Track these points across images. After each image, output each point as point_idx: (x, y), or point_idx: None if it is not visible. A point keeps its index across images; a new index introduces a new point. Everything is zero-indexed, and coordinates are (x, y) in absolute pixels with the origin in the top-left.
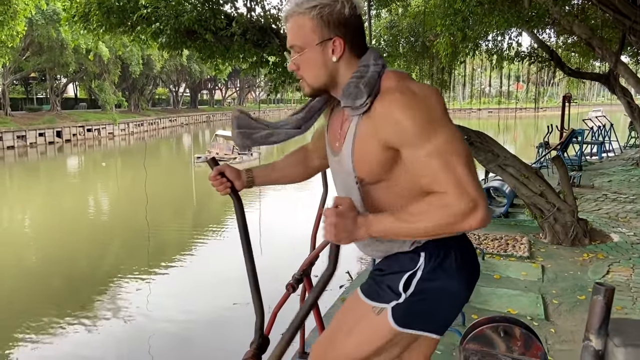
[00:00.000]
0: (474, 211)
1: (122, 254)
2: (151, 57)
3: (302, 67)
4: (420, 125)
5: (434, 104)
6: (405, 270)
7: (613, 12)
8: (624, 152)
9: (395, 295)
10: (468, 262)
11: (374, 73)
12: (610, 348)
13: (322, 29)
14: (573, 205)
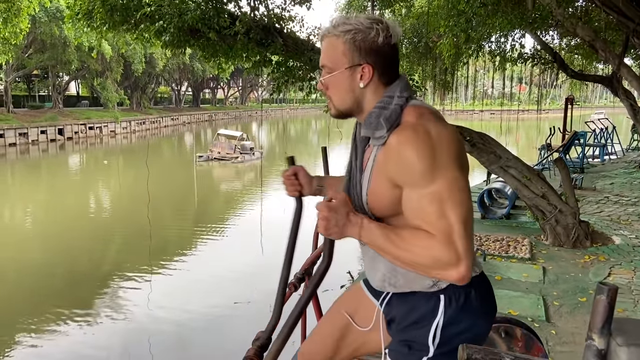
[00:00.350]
0: (456, 266)
1: (124, 251)
2: (154, 56)
3: (331, 87)
4: (424, 167)
5: (445, 147)
6: (428, 320)
7: (617, 15)
8: (626, 154)
9: (425, 350)
10: (487, 298)
11: (396, 107)
12: (613, 347)
13: (352, 54)
14: (575, 207)
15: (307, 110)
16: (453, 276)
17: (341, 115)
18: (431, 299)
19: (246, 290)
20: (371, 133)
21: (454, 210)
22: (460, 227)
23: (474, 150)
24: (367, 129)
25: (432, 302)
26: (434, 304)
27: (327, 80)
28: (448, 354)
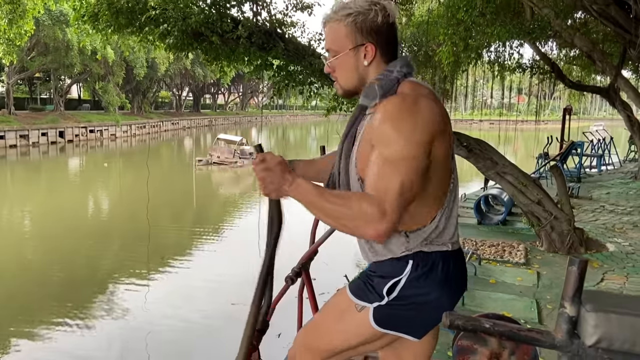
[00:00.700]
0: (378, 223)
1: (123, 254)
2: (155, 60)
3: (337, 69)
4: (393, 132)
5: (421, 124)
6: (392, 276)
7: (614, 26)
8: (623, 165)
9: (379, 297)
10: (454, 275)
11: (393, 78)
12: (582, 314)
13: (355, 35)
14: (570, 214)
15: (306, 117)
16: (371, 232)
17: (348, 94)
18: (401, 262)
19: (243, 292)
20: (367, 102)
21: (396, 177)
22: (395, 192)
23: (471, 155)
24: (364, 99)
25: (401, 264)
26: (402, 266)
27: (334, 62)
28: (399, 308)
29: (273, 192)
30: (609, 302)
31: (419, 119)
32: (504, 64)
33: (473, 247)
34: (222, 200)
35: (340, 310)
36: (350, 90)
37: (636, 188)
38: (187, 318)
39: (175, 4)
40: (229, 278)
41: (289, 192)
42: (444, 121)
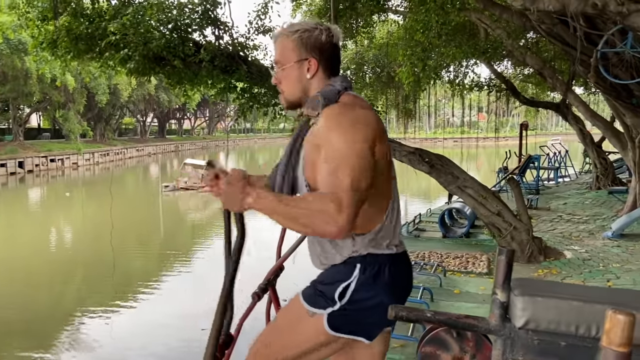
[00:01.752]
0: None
1: (87, 284)
2: (118, 86)
3: (283, 81)
4: (337, 131)
5: (361, 126)
6: (342, 280)
7: (561, 45)
8: (579, 177)
9: (331, 302)
10: (400, 278)
11: (335, 90)
12: (512, 299)
13: (300, 50)
14: (528, 225)
15: (274, 140)
16: (332, 228)
17: (291, 105)
18: (348, 266)
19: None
20: (310, 112)
21: (347, 172)
22: (348, 187)
23: (433, 171)
24: (307, 109)
25: (349, 268)
26: (350, 270)
27: (280, 74)
28: (352, 312)
29: (236, 205)
30: (535, 288)
31: (360, 122)
32: (463, 83)
33: (438, 259)
34: (190, 226)
35: (294, 317)
36: (294, 102)
37: (591, 198)
38: (156, 347)
39: (136, 29)
40: (198, 304)
41: (252, 204)
42: (380, 126)
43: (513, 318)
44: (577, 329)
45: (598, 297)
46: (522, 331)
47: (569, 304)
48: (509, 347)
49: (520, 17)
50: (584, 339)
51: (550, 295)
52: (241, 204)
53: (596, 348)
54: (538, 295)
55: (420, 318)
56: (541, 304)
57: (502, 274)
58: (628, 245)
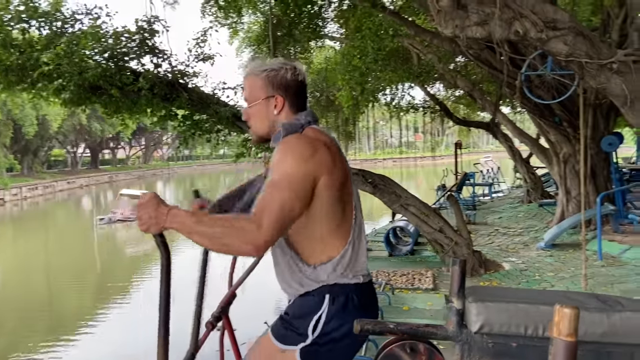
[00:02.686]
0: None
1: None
2: (46, 117)
3: (252, 117)
4: (281, 159)
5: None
6: (313, 313)
7: (489, 68)
8: (511, 192)
9: (303, 337)
10: (367, 305)
11: (298, 124)
12: (467, 306)
13: (267, 88)
14: (468, 239)
15: (215, 166)
16: (248, 247)
17: (260, 139)
18: (318, 297)
19: None
20: (274, 143)
21: (278, 197)
22: (274, 210)
23: (377, 191)
24: (273, 141)
25: (318, 299)
26: (319, 301)
27: (249, 110)
28: (324, 345)
29: (152, 226)
30: (487, 294)
31: (308, 154)
32: (399, 106)
33: (386, 277)
34: (128, 259)
35: (265, 356)
36: (262, 137)
37: (524, 211)
38: None
39: (70, 59)
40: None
41: (167, 223)
42: (334, 162)
43: (469, 324)
44: (526, 329)
45: (543, 299)
46: (477, 335)
47: (517, 307)
48: (467, 351)
49: (450, 43)
50: (533, 338)
51: (501, 299)
52: (157, 224)
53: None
54: (489, 301)
55: (384, 330)
56: (493, 309)
57: (456, 282)
58: (560, 255)
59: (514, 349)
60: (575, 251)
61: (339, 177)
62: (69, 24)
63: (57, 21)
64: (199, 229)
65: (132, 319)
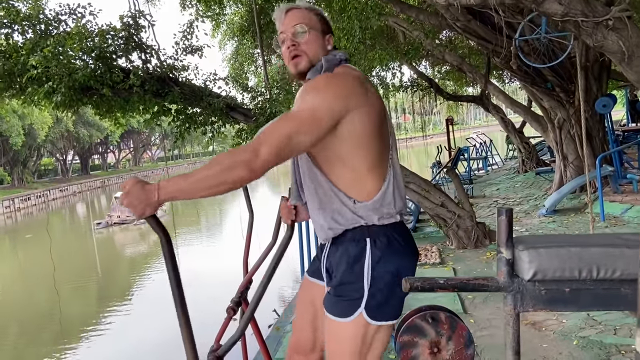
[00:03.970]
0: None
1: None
2: (33, 126)
3: (308, 43)
4: (308, 96)
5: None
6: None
7: (477, 39)
8: (505, 163)
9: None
10: (408, 241)
11: (337, 59)
12: (517, 255)
13: (324, 25)
14: (470, 211)
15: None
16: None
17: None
18: (359, 243)
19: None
20: (313, 75)
21: (289, 125)
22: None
23: None
24: (313, 73)
25: (360, 245)
26: (362, 247)
27: (304, 37)
28: (380, 293)
29: (146, 208)
30: (535, 242)
31: (337, 89)
32: (388, 85)
33: None
34: (129, 261)
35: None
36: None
37: (520, 181)
38: None
39: (58, 61)
40: (149, 340)
41: (161, 197)
42: (366, 98)
43: (520, 272)
44: (579, 273)
45: (594, 242)
46: (530, 284)
47: (569, 252)
48: (519, 301)
49: (436, 17)
50: (586, 281)
51: (552, 245)
52: (149, 205)
53: (597, 289)
54: (541, 248)
55: (435, 286)
56: (545, 255)
57: (504, 233)
58: (562, 220)
59: (567, 295)
60: (576, 215)
61: (374, 112)
62: (53, 25)
63: (41, 24)
64: (194, 184)
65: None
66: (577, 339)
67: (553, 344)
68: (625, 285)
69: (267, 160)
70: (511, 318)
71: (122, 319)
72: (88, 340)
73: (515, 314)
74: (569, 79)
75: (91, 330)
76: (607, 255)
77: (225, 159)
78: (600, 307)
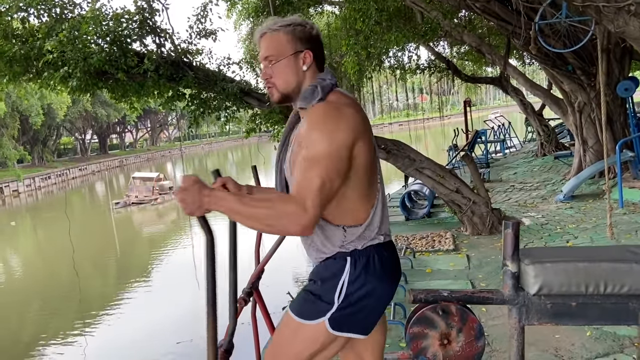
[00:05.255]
0: (300, 218)
1: (51, 312)
2: (52, 106)
3: (276, 74)
4: (319, 133)
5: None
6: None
7: (496, 20)
8: (523, 146)
9: (329, 305)
10: (390, 264)
11: (328, 84)
12: (523, 268)
13: (295, 43)
14: (486, 197)
15: (222, 143)
16: (296, 228)
17: (283, 98)
18: (340, 261)
19: (186, 328)
20: (306, 104)
21: (318, 176)
22: (316, 189)
23: (390, 156)
24: (303, 102)
25: (340, 262)
26: (341, 265)
27: (273, 67)
28: (350, 308)
29: (195, 209)
30: (542, 255)
31: (342, 123)
32: (405, 67)
33: (405, 242)
34: (147, 241)
35: (291, 330)
36: (287, 95)
37: (539, 165)
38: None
39: (74, 45)
40: (169, 317)
41: (210, 205)
42: (364, 126)
43: (526, 286)
44: (587, 288)
45: (603, 256)
46: (535, 297)
47: (576, 266)
48: (524, 314)
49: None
50: (593, 296)
51: (558, 260)
52: (200, 207)
53: (605, 304)
54: (547, 262)
55: (438, 298)
56: (551, 269)
57: (510, 246)
58: (580, 206)
59: (573, 309)
60: (595, 201)
61: (370, 140)
62: (68, 9)
63: (56, 7)
64: (242, 210)
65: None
66: (590, 330)
67: (565, 335)
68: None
69: (315, 214)
70: (516, 331)
71: (140, 295)
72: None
73: (520, 327)
74: (591, 61)
75: (110, 307)
76: (615, 271)
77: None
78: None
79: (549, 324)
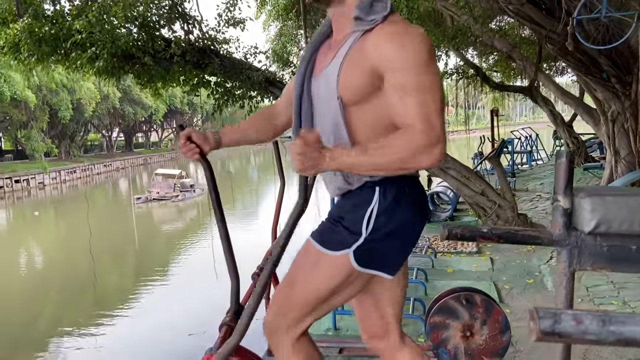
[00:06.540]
0: (436, 146)
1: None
2: (81, 101)
3: None
4: (417, 60)
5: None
6: (364, 207)
7: (529, 23)
8: (551, 159)
9: (357, 235)
10: (419, 195)
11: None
12: (577, 203)
13: None
14: (512, 202)
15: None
16: (431, 159)
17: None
18: (368, 191)
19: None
20: (364, 15)
21: (435, 101)
22: (437, 115)
23: None
24: (361, 11)
25: (369, 193)
26: (369, 195)
27: None
28: (378, 242)
29: (310, 168)
30: (598, 190)
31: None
32: None
33: (427, 242)
34: (166, 236)
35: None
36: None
37: None
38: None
39: (102, 27)
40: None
41: (331, 164)
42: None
43: (580, 224)
44: None
45: None
46: (590, 237)
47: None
48: (576, 257)
49: (487, 1)
50: None
51: (620, 194)
52: (316, 167)
53: None
54: (608, 194)
55: (476, 234)
56: (612, 204)
57: (563, 178)
58: None
59: (633, 253)
60: None
61: None
62: None
63: None
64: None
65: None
66: None
67: None
68: None
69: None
70: (565, 277)
71: (156, 289)
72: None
73: (570, 272)
74: (627, 69)
75: (126, 300)
76: None
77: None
78: None
79: (603, 269)
